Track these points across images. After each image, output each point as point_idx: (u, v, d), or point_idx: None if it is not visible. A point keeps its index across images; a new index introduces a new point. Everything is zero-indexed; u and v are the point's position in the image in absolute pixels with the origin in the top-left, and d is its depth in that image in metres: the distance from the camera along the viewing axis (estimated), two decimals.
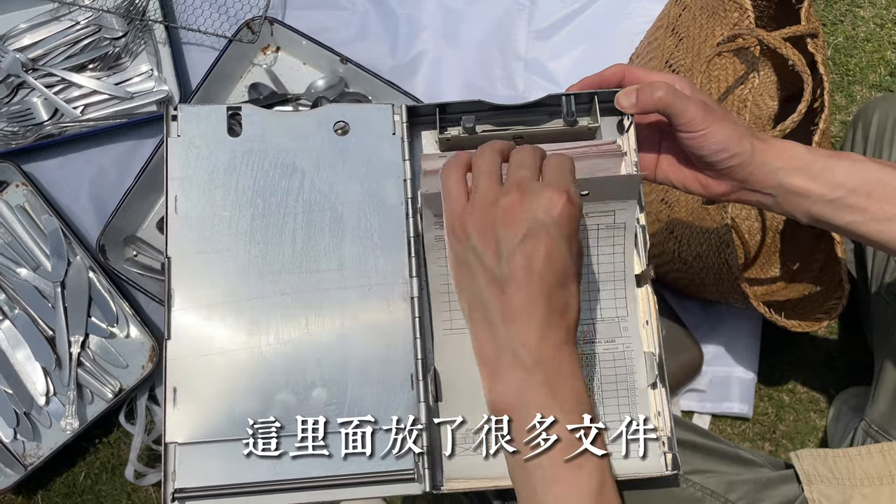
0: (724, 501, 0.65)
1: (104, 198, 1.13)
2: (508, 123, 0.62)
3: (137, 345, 1.08)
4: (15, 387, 1.06)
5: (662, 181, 0.63)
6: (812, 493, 0.67)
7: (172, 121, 0.58)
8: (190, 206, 0.57)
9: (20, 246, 1.10)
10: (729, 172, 0.59)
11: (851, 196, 0.58)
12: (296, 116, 0.59)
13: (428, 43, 1.18)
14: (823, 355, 1.13)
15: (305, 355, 0.56)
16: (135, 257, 1.09)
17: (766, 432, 1.11)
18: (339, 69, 1.12)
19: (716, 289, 0.97)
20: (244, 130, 0.58)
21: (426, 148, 0.62)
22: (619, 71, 0.62)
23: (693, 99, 0.57)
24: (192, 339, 0.55)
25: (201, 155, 0.58)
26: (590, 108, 0.62)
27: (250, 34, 1.11)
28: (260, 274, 0.56)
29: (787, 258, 1.09)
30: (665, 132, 0.63)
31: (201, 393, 0.54)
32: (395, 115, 0.60)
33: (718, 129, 0.57)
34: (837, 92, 1.21)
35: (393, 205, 0.59)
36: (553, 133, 0.62)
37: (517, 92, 1.18)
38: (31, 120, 1.13)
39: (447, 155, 0.59)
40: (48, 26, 1.16)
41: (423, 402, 0.56)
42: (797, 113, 0.85)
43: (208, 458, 0.53)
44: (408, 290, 0.58)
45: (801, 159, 0.59)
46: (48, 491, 1.07)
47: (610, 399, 0.58)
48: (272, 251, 0.57)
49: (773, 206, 0.61)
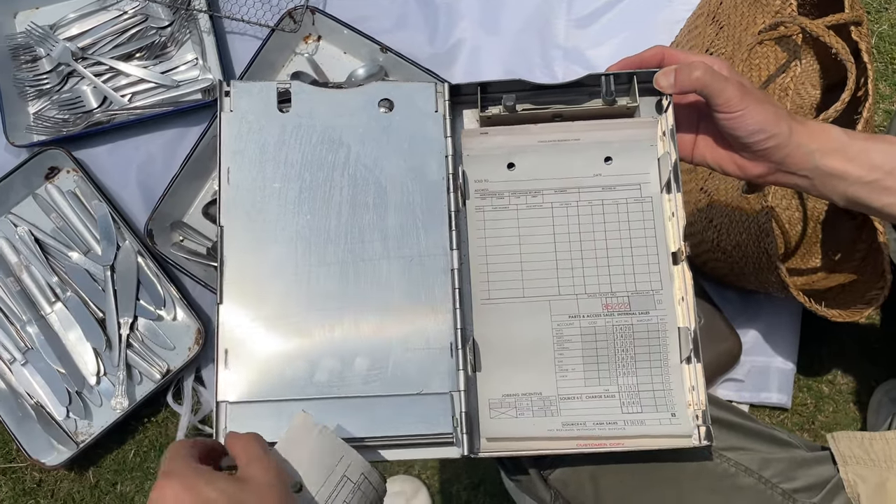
0: (759, 478, 0.65)
1: (151, 184, 1.16)
2: (548, 103, 0.64)
3: (184, 328, 1.11)
4: (67, 367, 1.09)
5: (699, 162, 0.64)
6: (847, 474, 0.67)
7: (225, 96, 0.60)
8: (242, 177, 0.59)
9: (71, 230, 1.14)
10: (766, 154, 0.59)
11: (888, 178, 0.58)
12: (342, 93, 0.61)
13: (467, 31, 1.20)
14: (864, 346, 1.12)
15: (349, 323, 0.58)
16: (181, 242, 1.12)
17: (805, 423, 1.10)
18: (378, 58, 1.14)
19: (755, 278, 0.97)
20: (293, 107, 0.61)
21: (467, 125, 0.64)
22: (658, 52, 0.62)
23: (731, 80, 0.58)
24: (243, 304, 0.57)
25: (252, 129, 0.60)
26: (629, 88, 0.63)
27: (292, 23, 1.13)
28: (308, 244, 0.58)
29: (828, 247, 1.08)
30: (703, 113, 0.63)
31: (251, 355, 0.56)
32: (437, 93, 0.62)
33: (756, 111, 0.58)
34: (881, 80, 1.20)
35: (434, 180, 0.60)
36: (593, 111, 0.63)
37: (556, 80, 1.18)
38: (81, 108, 1.16)
39: (488, 131, 0.61)
40: (96, 16, 1.19)
41: (462, 370, 0.58)
42: (840, 101, 0.85)
43: (257, 417, 0.55)
44: (448, 261, 0.59)
45: (837, 141, 0.59)
46: (99, 467, 1.11)
47: (643, 371, 0.59)
48: (319, 222, 0.59)
49: (810, 189, 0.61)
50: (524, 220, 0.62)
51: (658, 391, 0.59)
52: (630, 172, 0.62)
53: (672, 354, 0.59)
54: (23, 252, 1.12)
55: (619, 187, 0.61)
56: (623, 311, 0.60)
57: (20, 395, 1.08)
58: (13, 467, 1.10)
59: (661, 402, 0.59)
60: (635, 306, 0.60)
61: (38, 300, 1.11)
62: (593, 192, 0.62)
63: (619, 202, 0.61)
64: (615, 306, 0.60)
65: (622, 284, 0.60)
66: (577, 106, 0.63)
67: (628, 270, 0.61)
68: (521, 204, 0.62)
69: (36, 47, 1.17)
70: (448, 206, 0.60)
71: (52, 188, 1.15)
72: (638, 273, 0.61)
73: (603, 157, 0.62)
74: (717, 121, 0.59)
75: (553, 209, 0.62)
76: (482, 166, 0.63)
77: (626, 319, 0.60)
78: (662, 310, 0.60)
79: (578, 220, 0.62)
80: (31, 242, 1.12)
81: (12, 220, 1.13)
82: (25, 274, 1.11)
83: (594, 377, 0.59)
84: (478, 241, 0.61)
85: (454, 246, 0.59)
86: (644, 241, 0.61)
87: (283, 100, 0.61)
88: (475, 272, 0.61)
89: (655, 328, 0.60)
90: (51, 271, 1.12)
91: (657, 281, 0.60)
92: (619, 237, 0.61)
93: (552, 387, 0.59)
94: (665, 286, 0.60)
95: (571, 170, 0.62)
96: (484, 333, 0.60)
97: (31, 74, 1.17)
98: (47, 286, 1.11)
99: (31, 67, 1.17)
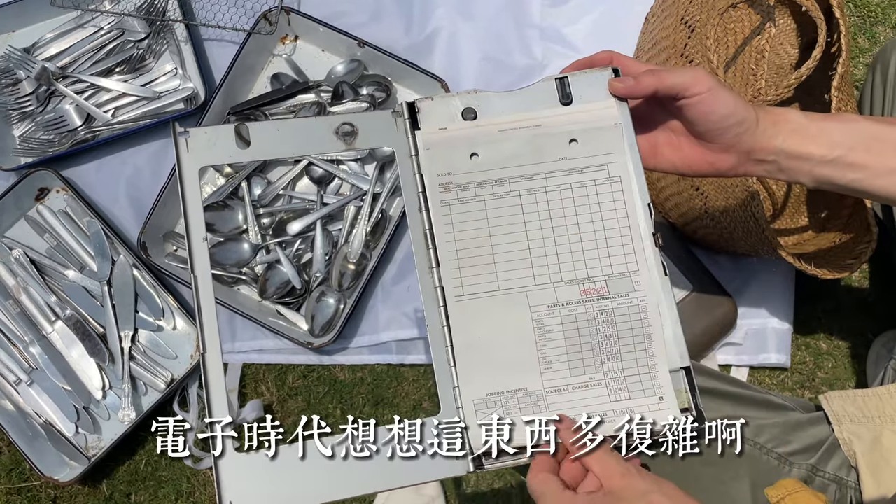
0: (753, 444, 0.66)
1: (141, 197, 1.16)
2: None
3: (184, 336, 1.12)
4: (73, 383, 1.10)
5: (665, 167, 0.64)
6: (842, 433, 0.67)
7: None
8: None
9: (66, 249, 1.15)
10: (736, 142, 0.60)
11: (851, 154, 0.59)
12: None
13: (443, 19, 1.19)
14: (860, 301, 1.12)
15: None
16: (175, 252, 1.13)
17: (805, 381, 1.11)
18: (357, 53, 1.14)
19: (744, 242, 0.97)
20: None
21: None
22: (608, 56, 0.63)
23: (687, 67, 0.58)
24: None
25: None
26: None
27: (268, 25, 1.13)
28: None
29: (815, 207, 1.09)
30: (662, 118, 0.63)
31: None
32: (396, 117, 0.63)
33: (724, 93, 0.58)
34: (860, 34, 1.20)
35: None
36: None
37: (536, 61, 1.19)
38: (65, 127, 1.17)
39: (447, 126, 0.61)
40: (73, 34, 1.19)
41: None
42: (812, 59, 0.85)
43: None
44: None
45: (797, 123, 0.60)
46: (112, 479, 1.12)
47: (628, 355, 0.59)
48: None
49: (778, 174, 0.61)
50: (492, 211, 0.61)
51: (644, 374, 0.58)
52: (596, 153, 0.61)
53: (655, 335, 0.59)
54: (19, 274, 1.13)
55: (586, 169, 0.61)
56: (602, 295, 0.59)
57: (29, 415, 1.10)
58: (28, 486, 1.12)
59: (648, 386, 0.58)
60: (614, 290, 0.60)
61: (38, 320, 1.12)
62: (560, 176, 0.61)
63: (588, 184, 0.61)
64: (593, 291, 0.60)
65: (598, 269, 0.60)
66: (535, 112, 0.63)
67: (603, 254, 0.60)
68: (488, 194, 0.61)
69: (16, 70, 1.18)
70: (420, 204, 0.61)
71: (44, 209, 1.16)
72: (613, 255, 0.60)
73: (567, 139, 0.62)
74: (685, 112, 0.59)
75: (521, 197, 0.61)
76: (444, 159, 0.62)
77: (606, 304, 0.59)
78: (641, 290, 0.60)
79: (548, 205, 0.61)
80: (26, 264, 1.13)
81: (6, 244, 1.14)
82: (24, 296, 1.12)
83: (579, 366, 0.58)
84: (446, 237, 0.60)
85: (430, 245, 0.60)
86: (616, 223, 0.60)
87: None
88: (446, 268, 0.60)
89: (636, 310, 0.59)
90: (48, 291, 1.13)
91: (633, 262, 0.60)
92: (590, 220, 0.60)
93: (537, 381, 0.58)
94: (641, 266, 0.60)
95: (536, 155, 0.61)
96: (461, 331, 0.59)
97: (12, 98, 1.17)
98: (46, 306, 1.12)
99: (12, 91, 1.18)
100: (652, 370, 0.59)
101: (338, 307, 1.08)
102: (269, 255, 1.10)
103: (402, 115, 0.62)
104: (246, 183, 1.11)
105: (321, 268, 1.09)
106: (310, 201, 1.12)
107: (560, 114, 0.62)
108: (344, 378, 1.13)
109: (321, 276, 1.09)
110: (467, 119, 0.62)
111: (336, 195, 1.12)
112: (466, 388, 0.58)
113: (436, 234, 0.60)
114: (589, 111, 0.62)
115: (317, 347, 1.07)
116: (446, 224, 0.60)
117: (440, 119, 0.62)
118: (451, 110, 0.62)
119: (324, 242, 1.09)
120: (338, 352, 1.12)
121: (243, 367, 1.13)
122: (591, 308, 0.59)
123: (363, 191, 1.10)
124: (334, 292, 1.08)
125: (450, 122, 0.62)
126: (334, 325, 1.07)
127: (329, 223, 1.11)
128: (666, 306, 0.60)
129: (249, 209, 1.10)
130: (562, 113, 0.62)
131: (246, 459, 0.55)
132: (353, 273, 1.08)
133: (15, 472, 1.13)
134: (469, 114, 0.62)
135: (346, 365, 1.13)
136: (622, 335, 0.59)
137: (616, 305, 0.59)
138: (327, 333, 1.07)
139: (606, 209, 0.61)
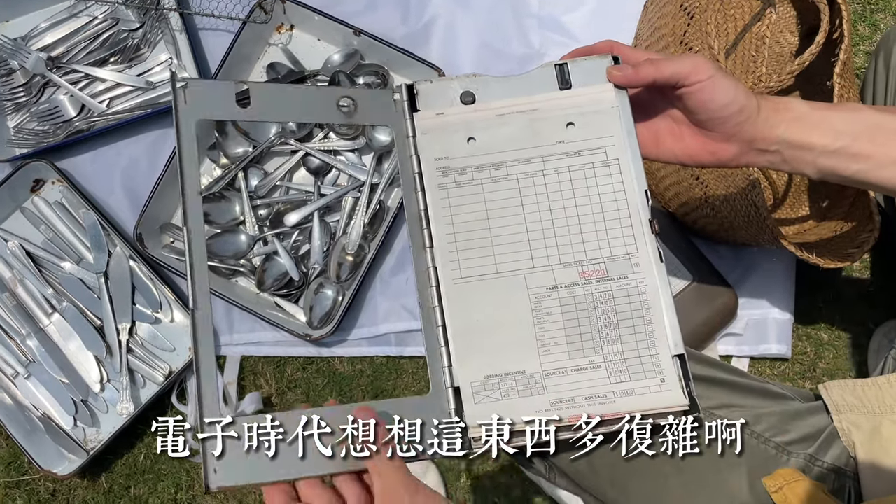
0: (751, 433, 0.65)
1: (137, 188, 1.16)
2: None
3: (182, 328, 1.12)
4: (70, 376, 1.10)
5: (667, 158, 0.63)
6: (841, 423, 0.67)
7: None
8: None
9: (62, 241, 1.14)
10: (738, 131, 0.59)
11: (854, 144, 0.58)
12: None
13: (439, 8, 1.18)
14: (861, 291, 1.12)
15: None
16: (171, 244, 1.12)
17: (807, 371, 1.10)
18: (353, 42, 1.13)
19: (745, 232, 0.97)
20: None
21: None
22: (608, 45, 0.63)
23: (686, 55, 0.57)
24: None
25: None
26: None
27: (263, 14, 1.12)
28: None
29: (817, 196, 1.08)
30: (663, 107, 0.63)
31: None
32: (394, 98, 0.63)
33: (725, 80, 0.57)
34: (860, 21, 1.19)
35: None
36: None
37: (533, 49, 1.18)
38: (60, 117, 1.16)
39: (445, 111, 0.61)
40: (67, 24, 1.18)
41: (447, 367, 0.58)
42: (815, 45, 0.84)
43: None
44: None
45: (798, 111, 0.59)
46: (111, 473, 1.12)
47: (628, 338, 0.59)
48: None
49: (782, 165, 0.61)
50: (490, 195, 0.61)
51: (645, 357, 0.58)
52: (594, 136, 0.61)
53: (656, 317, 0.59)
54: (16, 266, 1.12)
55: (584, 152, 0.61)
56: (601, 277, 0.59)
57: (26, 408, 1.09)
58: (26, 480, 1.12)
59: (650, 368, 0.58)
60: (613, 272, 0.59)
61: (35, 313, 1.12)
62: (558, 159, 0.61)
63: (586, 167, 0.61)
64: (592, 274, 0.59)
65: (597, 251, 0.60)
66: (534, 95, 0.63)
67: (601, 236, 0.60)
68: (486, 178, 0.61)
69: (9, 60, 1.17)
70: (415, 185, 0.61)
71: (39, 200, 1.15)
72: (612, 238, 0.60)
73: (565, 122, 0.62)
74: (687, 100, 0.59)
75: (519, 180, 0.61)
76: (441, 143, 0.62)
77: (605, 286, 0.59)
78: (640, 272, 0.59)
79: (546, 189, 0.61)
80: (22, 256, 1.12)
81: (2, 236, 1.14)
82: (20, 288, 1.12)
83: (578, 349, 0.58)
84: (444, 220, 0.60)
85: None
86: (615, 205, 0.60)
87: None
88: (443, 251, 0.60)
89: (636, 292, 0.59)
90: (45, 283, 1.12)
91: (632, 244, 0.60)
92: (588, 203, 0.60)
93: (535, 363, 0.58)
94: (640, 249, 0.60)
95: (534, 138, 0.62)
96: (459, 313, 0.59)
97: (6, 88, 1.16)
98: (43, 298, 1.12)
99: (5, 81, 1.17)
100: (653, 352, 0.58)
101: (336, 299, 1.07)
102: (267, 247, 1.09)
103: (402, 96, 0.62)
104: (243, 174, 1.10)
105: (319, 259, 1.08)
106: (307, 192, 1.11)
107: (558, 98, 0.62)
108: (343, 370, 1.13)
109: (319, 267, 1.08)
110: (465, 103, 0.62)
111: (333, 186, 1.12)
112: (464, 371, 0.58)
113: (431, 216, 0.60)
114: (587, 95, 0.62)
115: (315, 339, 1.06)
116: (444, 208, 0.61)
117: (438, 103, 0.62)
118: (449, 93, 0.62)
119: (322, 234, 1.08)
120: (336, 344, 1.12)
121: (242, 359, 1.13)
122: (590, 290, 0.59)
123: (361, 181, 1.09)
124: (332, 284, 1.07)
125: (447, 107, 0.62)
126: (333, 316, 1.07)
127: (327, 214, 1.11)
128: (662, 293, 0.59)
129: (246, 200, 1.09)
130: (559, 97, 0.62)
131: (246, 459, 0.54)
132: (352, 264, 1.08)
133: (13, 466, 1.12)
134: (468, 97, 0.62)
135: (345, 357, 1.13)
136: (622, 317, 0.59)
137: (615, 288, 0.59)
138: (326, 325, 1.07)
139: (605, 191, 0.61)
